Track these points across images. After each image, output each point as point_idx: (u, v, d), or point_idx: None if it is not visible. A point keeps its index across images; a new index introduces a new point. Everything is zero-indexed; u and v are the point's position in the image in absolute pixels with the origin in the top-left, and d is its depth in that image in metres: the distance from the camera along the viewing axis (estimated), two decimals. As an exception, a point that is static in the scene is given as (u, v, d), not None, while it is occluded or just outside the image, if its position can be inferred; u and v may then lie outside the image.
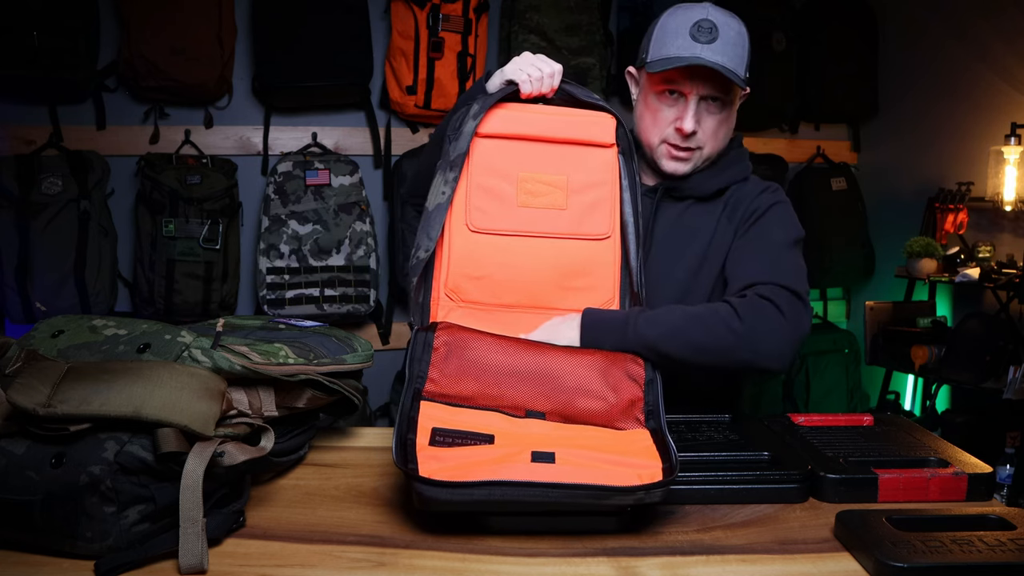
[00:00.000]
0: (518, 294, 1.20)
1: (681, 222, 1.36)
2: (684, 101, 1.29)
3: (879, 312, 2.98)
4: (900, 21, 3.24)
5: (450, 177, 1.18)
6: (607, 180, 1.24)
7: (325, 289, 2.72)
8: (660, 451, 0.97)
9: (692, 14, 1.27)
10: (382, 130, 2.98)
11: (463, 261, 1.19)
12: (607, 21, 3.04)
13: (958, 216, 2.87)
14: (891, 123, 3.33)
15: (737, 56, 1.27)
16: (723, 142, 1.35)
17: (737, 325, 1.15)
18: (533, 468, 0.87)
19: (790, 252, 1.27)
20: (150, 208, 2.65)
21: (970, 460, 1.05)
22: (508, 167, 1.21)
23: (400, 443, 0.93)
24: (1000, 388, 2.42)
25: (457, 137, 1.20)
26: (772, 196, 1.35)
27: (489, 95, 1.24)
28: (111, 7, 2.69)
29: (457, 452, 0.93)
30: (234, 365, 0.93)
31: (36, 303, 2.55)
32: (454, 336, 1.09)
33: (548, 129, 1.23)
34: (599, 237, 1.22)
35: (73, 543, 0.82)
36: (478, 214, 1.20)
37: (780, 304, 1.17)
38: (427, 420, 0.99)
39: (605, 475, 0.87)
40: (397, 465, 0.89)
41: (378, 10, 2.86)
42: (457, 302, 1.19)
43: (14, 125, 2.72)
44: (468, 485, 0.84)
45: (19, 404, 0.82)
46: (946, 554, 0.80)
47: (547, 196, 1.21)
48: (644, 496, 0.87)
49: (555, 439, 0.99)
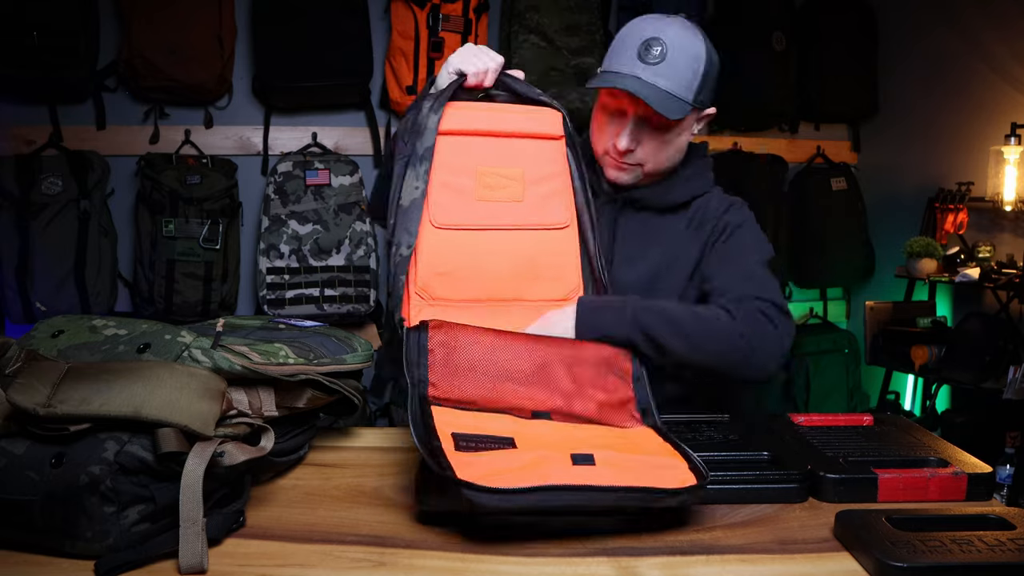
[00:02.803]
0: (484, 288, 1.21)
1: (643, 231, 1.37)
2: (624, 118, 1.29)
3: (879, 312, 2.98)
4: (900, 21, 3.24)
5: (421, 171, 1.19)
6: (560, 171, 1.27)
7: (325, 289, 2.72)
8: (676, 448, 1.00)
9: (647, 30, 1.25)
10: (382, 130, 2.98)
11: (431, 258, 1.19)
12: (607, 21, 3.04)
13: (958, 216, 2.87)
14: (891, 123, 3.33)
15: (684, 80, 1.24)
16: (670, 160, 1.34)
17: (743, 331, 1.18)
18: (578, 471, 0.88)
19: (766, 269, 1.30)
20: (150, 208, 2.65)
21: (970, 460, 1.05)
22: (466, 162, 1.23)
23: (429, 451, 0.91)
24: (1000, 388, 2.42)
25: (421, 133, 1.20)
26: (740, 214, 1.36)
27: (442, 90, 1.24)
28: (111, 7, 2.69)
29: (487, 457, 0.92)
30: (234, 365, 0.93)
31: (36, 303, 2.55)
32: (447, 335, 1.09)
33: (502, 124, 1.25)
34: (558, 227, 1.25)
35: (73, 543, 0.81)
36: (439, 210, 1.20)
37: (773, 318, 1.20)
38: (444, 426, 0.98)
39: (647, 477, 0.89)
40: (436, 471, 0.87)
41: (378, 10, 2.86)
42: (427, 300, 1.19)
43: (14, 125, 2.72)
44: (521, 491, 0.84)
45: (19, 404, 0.82)
46: (946, 554, 0.80)
47: (505, 189, 1.23)
48: (687, 499, 0.89)
49: (577, 440, 0.99)
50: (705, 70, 1.26)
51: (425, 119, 1.21)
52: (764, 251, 1.33)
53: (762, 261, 1.30)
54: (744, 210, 1.38)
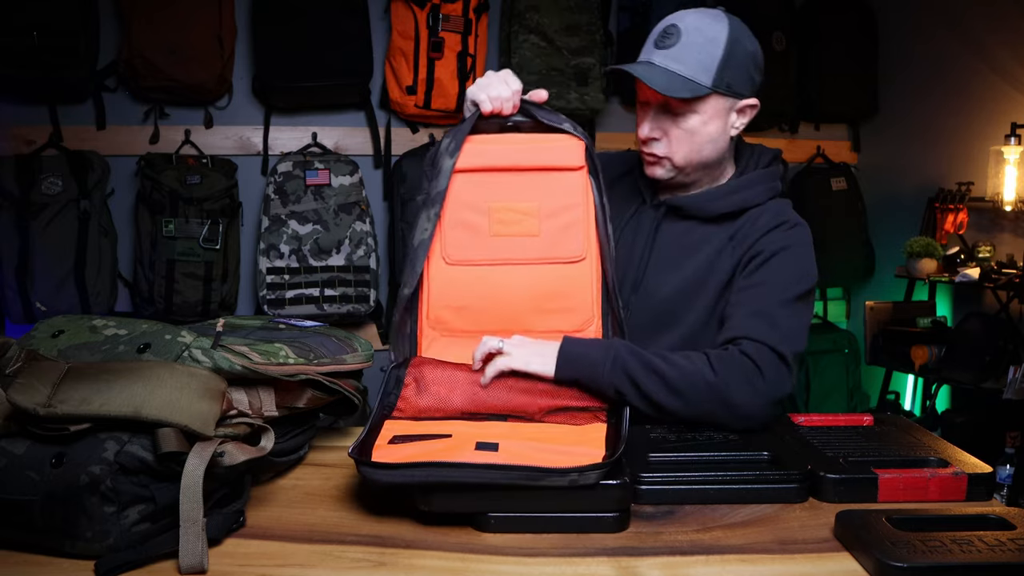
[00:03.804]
0: (498, 321, 1.21)
1: (683, 241, 1.34)
2: (647, 108, 1.29)
3: (879, 312, 2.98)
4: (900, 21, 3.24)
5: (431, 214, 1.20)
6: (578, 203, 1.23)
7: (325, 289, 2.72)
8: (608, 442, 1.01)
9: (668, 19, 1.26)
10: (382, 130, 2.98)
11: (442, 293, 1.22)
12: (607, 21, 3.04)
13: (958, 216, 2.87)
14: (891, 123, 3.34)
15: (698, 63, 1.23)
16: (699, 152, 1.30)
17: (710, 377, 1.13)
18: (475, 454, 0.93)
19: (788, 308, 1.21)
20: (150, 208, 2.65)
21: (970, 460, 1.05)
22: (479, 199, 1.23)
23: (359, 444, 0.97)
24: (1000, 388, 2.42)
25: (436, 175, 1.22)
26: (784, 237, 1.28)
27: (462, 124, 1.24)
28: (111, 7, 2.69)
29: (410, 445, 0.97)
30: (234, 365, 0.93)
31: (36, 303, 2.55)
32: (423, 372, 1.12)
33: (517, 158, 1.24)
34: (573, 260, 1.23)
35: (73, 543, 0.82)
36: (453, 247, 1.22)
37: (761, 364, 1.14)
38: (388, 432, 1.03)
39: (543, 460, 0.91)
40: (351, 455, 0.93)
41: (378, 10, 2.86)
42: (441, 332, 1.23)
43: (14, 125, 2.71)
44: (407, 466, 0.89)
45: (19, 404, 0.82)
46: (946, 554, 0.79)
47: (519, 224, 1.22)
48: (578, 478, 0.89)
49: (511, 434, 1.02)
50: (727, 53, 1.23)
51: (441, 159, 1.22)
52: (794, 286, 1.23)
53: (786, 298, 1.22)
54: (793, 233, 1.29)
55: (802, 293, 1.24)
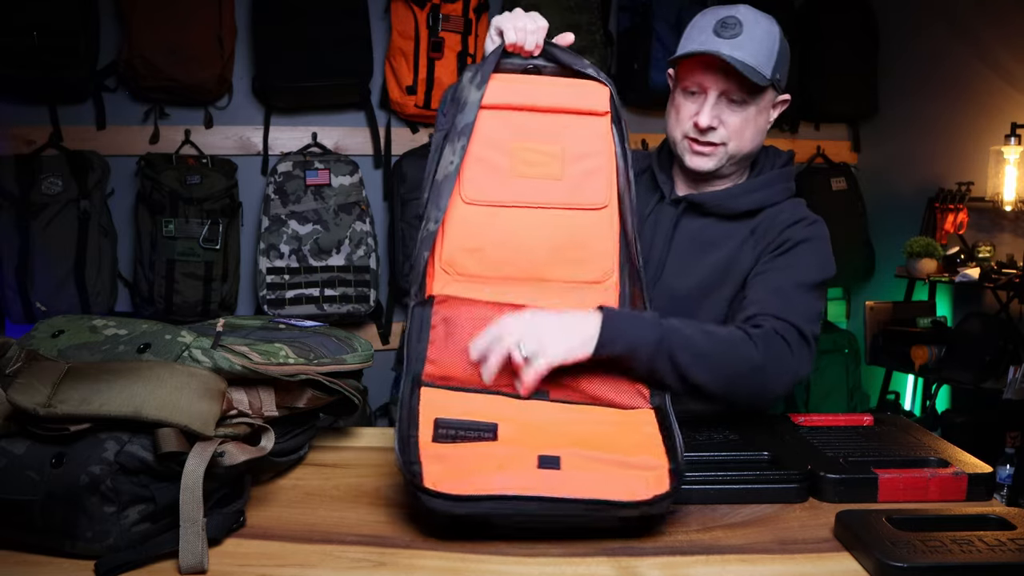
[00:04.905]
0: (514, 266, 1.16)
1: (701, 237, 1.34)
2: (704, 97, 1.28)
3: (879, 312, 2.98)
4: (900, 21, 3.24)
5: (458, 147, 1.15)
6: (602, 150, 1.20)
7: (325, 289, 2.72)
8: (666, 443, 0.97)
9: (721, 12, 1.27)
10: (382, 130, 2.98)
11: (458, 233, 1.15)
12: (607, 21, 3.04)
13: (958, 216, 2.87)
14: (891, 123, 3.33)
15: (761, 54, 1.25)
16: (752, 142, 1.32)
17: (758, 357, 1.12)
18: (539, 476, 0.88)
19: (808, 294, 1.24)
20: (150, 208, 2.65)
21: (970, 460, 1.05)
22: (502, 137, 1.18)
23: (403, 442, 0.92)
24: (1000, 388, 2.42)
25: (461, 108, 1.16)
26: (806, 230, 1.30)
27: (485, 59, 1.20)
28: (111, 7, 2.69)
29: (460, 450, 0.93)
30: (234, 365, 0.93)
31: (36, 303, 2.55)
32: (451, 310, 1.08)
33: (544, 99, 1.20)
34: (595, 207, 1.18)
35: (73, 543, 0.82)
36: (471, 185, 1.16)
37: (791, 343, 1.15)
38: (429, 410, 0.98)
39: (611, 485, 0.87)
40: (400, 468, 0.89)
41: (378, 10, 2.86)
42: (453, 275, 1.16)
43: (14, 125, 2.71)
44: (474, 499, 0.85)
45: (19, 404, 0.82)
46: (946, 554, 0.80)
47: (544, 166, 1.18)
48: (648, 510, 0.88)
49: (561, 434, 0.98)
50: (780, 48, 1.28)
51: (466, 92, 1.17)
52: (815, 273, 1.26)
53: (806, 283, 1.24)
54: (814, 228, 1.31)
55: (821, 282, 1.27)
